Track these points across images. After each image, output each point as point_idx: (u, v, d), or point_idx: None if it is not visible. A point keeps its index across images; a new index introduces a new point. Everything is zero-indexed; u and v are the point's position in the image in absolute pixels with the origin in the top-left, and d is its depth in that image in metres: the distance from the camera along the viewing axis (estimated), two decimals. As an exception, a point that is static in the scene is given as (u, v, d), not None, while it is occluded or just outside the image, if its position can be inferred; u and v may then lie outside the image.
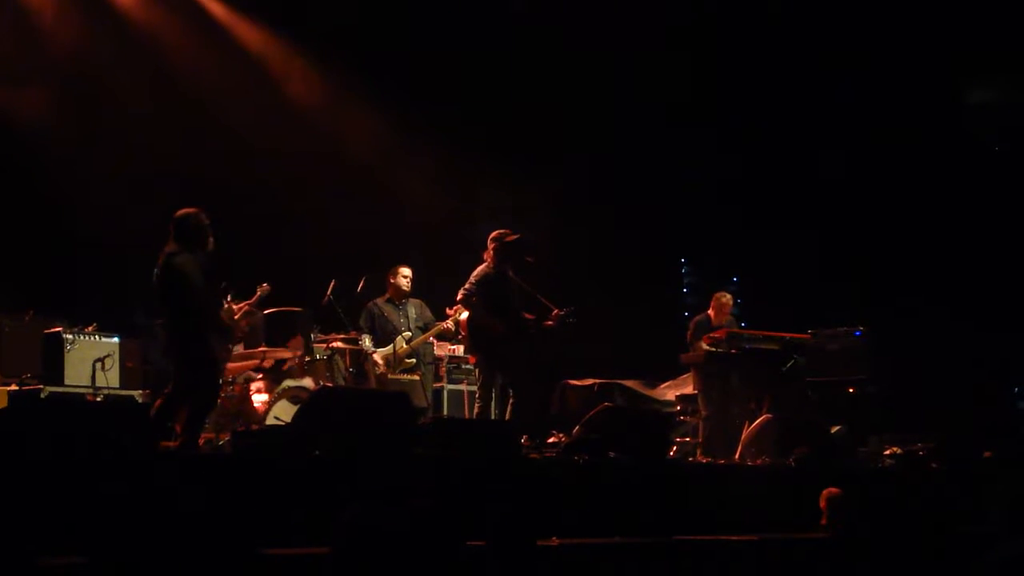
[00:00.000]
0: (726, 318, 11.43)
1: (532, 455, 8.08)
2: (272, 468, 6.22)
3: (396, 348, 10.29)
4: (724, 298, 11.47)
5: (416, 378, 10.36)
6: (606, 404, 9.29)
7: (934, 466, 9.80)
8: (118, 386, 9.46)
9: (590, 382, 12.19)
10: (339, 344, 10.19)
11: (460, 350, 11.11)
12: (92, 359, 9.36)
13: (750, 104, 13.86)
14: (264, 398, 9.46)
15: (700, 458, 10.42)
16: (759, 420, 9.87)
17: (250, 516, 5.76)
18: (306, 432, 6.72)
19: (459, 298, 9.45)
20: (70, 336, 9.48)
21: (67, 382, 9.34)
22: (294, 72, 12.48)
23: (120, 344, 9.63)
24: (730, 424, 10.67)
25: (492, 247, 9.43)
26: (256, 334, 10.12)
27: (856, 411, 10.92)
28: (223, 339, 7.91)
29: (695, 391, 11.33)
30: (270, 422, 8.93)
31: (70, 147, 10.88)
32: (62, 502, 5.30)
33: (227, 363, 8.23)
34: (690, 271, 16.54)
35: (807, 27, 13.32)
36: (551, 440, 9.22)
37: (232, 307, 8.09)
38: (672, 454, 10.37)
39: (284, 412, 8.94)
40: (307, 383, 9.54)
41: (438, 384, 11.07)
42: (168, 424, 7.62)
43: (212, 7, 12.10)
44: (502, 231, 9.50)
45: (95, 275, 10.76)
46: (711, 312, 11.44)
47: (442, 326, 10.34)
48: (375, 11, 12.13)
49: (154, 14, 11.69)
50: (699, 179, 14.12)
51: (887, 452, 10.41)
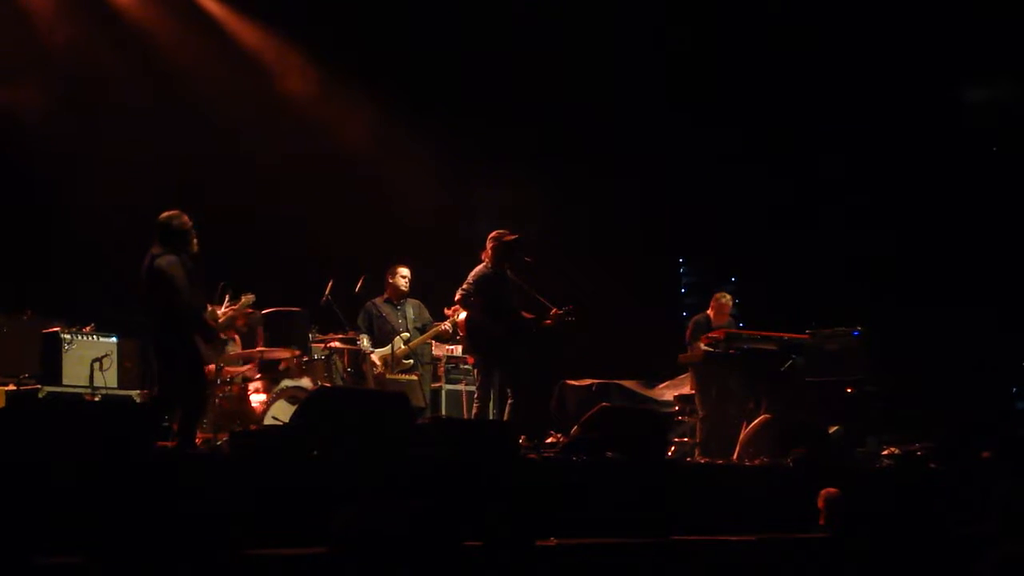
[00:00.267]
0: (725, 319, 11.42)
1: (530, 455, 8.07)
2: (270, 468, 6.22)
3: (394, 348, 10.29)
4: (724, 298, 11.46)
5: (414, 378, 10.35)
6: (604, 404, 9.29)
7: (932, 466, 9.80)
8: (116, 386, 9.47)
9: (588, 382, 12.19)
10: (337, 344, 10.19)
11: (458, 350, 11.09)
12: (90, 359, 9.37)
13: (750, 103, 13.85)
14: (262, 398, 9.46)
15: (698, 458, 10.42)
16: (757, 420, 9.88)
17: (248, 516, 5.76)
18: (304, 432, 6.72)
19: (457, 298, 9.45)
20: (68, 336, 9.48)
21: (65, 382, 9.34)
22: (293, 72, 12.47)
23: (118, 344, 9.63)
24: (728, 424, 10.66)
25: (491, 246, 9.42)
26: (254, 334, 10.12)
27: (854, 411, 10.92)
28: (207, 341, 7.89)
29: (693, 391, 11.33)
30: (268, 422, 8.94)
31: (69, 146, 10.86)
32: (59, 502, 5.30)
33: (211, 364, 8.21)
34: (689, 271, 16.53)
35: (806, 27, 13.33)
36: (549, 440, 9.22)
37: (215, 311, 8.08)
38: (670, 454, 10.38)
39: (282, 412, 8.94)
40: (305, 383, 9.54)
41: (436, 384, 11.06)
42: (165, 424, 7.63)
43: (210, 6, 12.09)
44: (501, 231, 9.49)
45: (93, 275, 10.75)
46: (710, 312, 11.43)
47: (439, 327, 10.35)
48: (374, 11, 12.13)
49: (153, 14, 11.68)
50: (699, 179, 14.10)
51: (885, 452, 10.41)
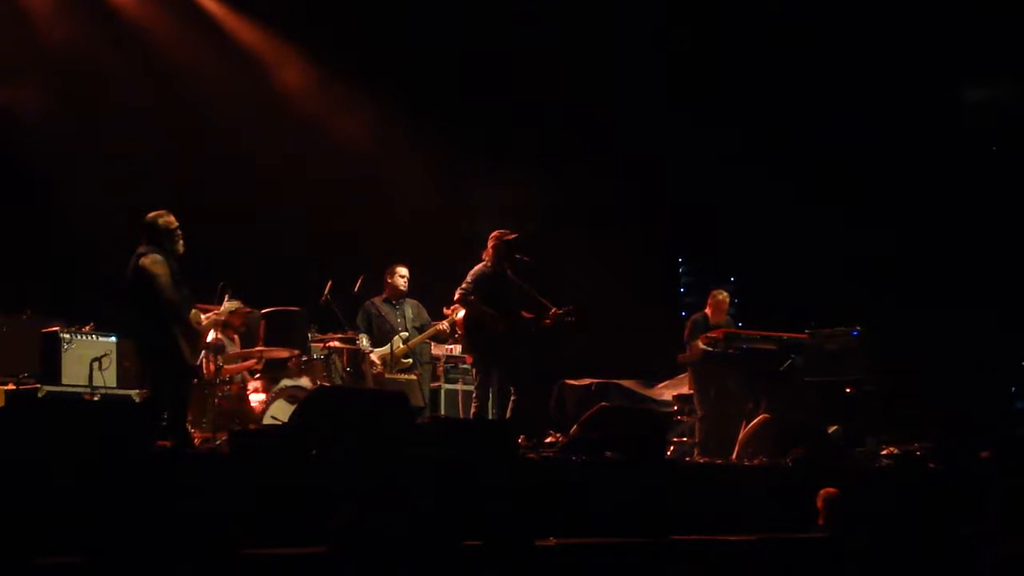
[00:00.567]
0: (723, 317, 11.41)
1: (529, 455, 8.07)
2: (269, 468, 6.22)
3: (393, 348, 10.28)
4: (720, 296, 11.45)
5: (413, 378, 10.35)
6: (603, 404, 9.30)
7: (931, 466, 9.80)
8: (115, 385, 9.45)
9: (587, 382, 12.19)
10: (336, 344, 10.19)
11: (457, 350, 11.10)
12: (89, 358, 9.35)
13: (750, 103, 13.85)
14: (261, 398, 9.46)
15: (697, 458, 10.42)
16: (756, 420, 9.88)
17: (247, 516, 5.76)
18: (303, 432, 6.72)
19: (456, 297, 9.45)
20: (67, 335, 9.47)
21: (64, 381, 9.34)
22: (293, 72, 12.47)
23: (117, 343, 9.62)
24: (727, 424, 10.67)
25: (491, 246, 9.43)
26: (253, 334, 10.12)
27: (853, 411, 10.92)
28: (191, 340, 7.89)
29: (692, 391, 11.33)
30: (267, 422, 8.94)
31: (68, 146, 10.86)
32: (59, 501, 5.30)
33: (194, 363, 8.20)
34: (687, 270, 16.52)
35: (807, 27, 13.33)
36: (548, 440, 9.23)
37: (199, 314, 8.08)
38: (669, 454, 10.38)
39: (281, 412, 8.94)
40: (304, 383, 9.54)
41: (435, 384, 11.07)
42: (162, 423, 7.63)
43: (210, 5, 12.09)
44: (501, 230, 9.50)
45: (93, 275, 10.74)
46: (708, 311, 11.42)
47: (437, 327, 10.35)
48: (374, 10, 12.13)
49: (153, 14, 11.67)
50: (699, 179, 14.10)
51: (884, 452, 10.41)
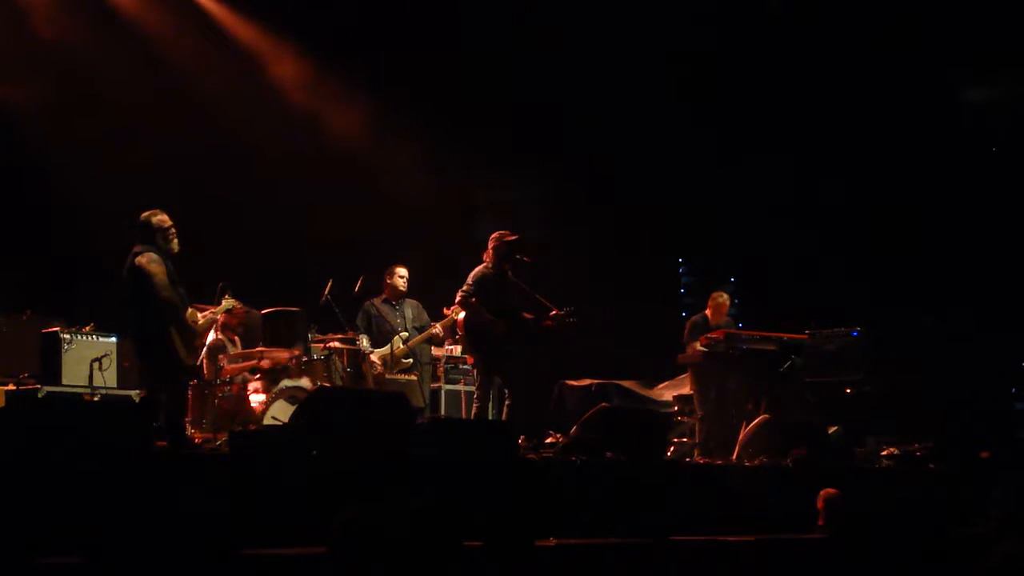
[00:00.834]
0: (723, 318, 11.42)
1: (530, 455, 8.08)
2: (269, 468, 6.21)
3: (393, 348, 10.28)
4: (721, 298, 11.46)
5: (413, 378, 10.35)
6: (603, 404, 9.31)
7: (931, 467, 9.81)
8: (115, 386, 9.46)
9: (587, 382, 12.19)
10: (336, 344, 10.18)
11: (458, 350, 11.10)
12: (89, 359, 9.36)
13: (749, 101, 13.85)
14: (261, 398, 9.45)
15: (697, 458, 10.42)
16: (756, 420, 9.88)
17: (247, 516, 5.76)
18: (303, 432, 6.72)
19: (457, 300, 9.44)
20: (67, 336, 9.47)
21: (64, 382, 9.33)
22: (292, 73, 12.47)
23: (117, 344, 9.62)
24: (727, 424, 10.67)
25: (492, 247, 9.42)
26: (253, 334, 10.12)
27: (854, 411, 10.92)
28: (187, 339, 7.89)
29: (692, 391, 11.33)
30: (267, 422, 8.93)
31: (68, 145, 10.86)
32: (59, 501, 5.30)
33: (190, 363, 8.20)
34: (688, 271, 16.52)
35: (806, 25, 13.32)
36: (549, 440, 9.22)
37: (196, 313, 8.08)
38: (669, 454, 10.38)
39: (282, 412, 8.93)
40: (304, 383, 9.53)
41: (436, 384, 11.06)
42: (160, 424, 7.63)
43: (210, 6, 12.09)
44: (502, 231, 9.49)
45: (93, 275, 10.75)
46: (708, 312, 11.43)
47: (432, 330, 10.35)
48: (374, 10, 12.12)
49: (152, 14, 11.67)
50: (699, 179, 14.10)
51: (884, 453, 10.42)
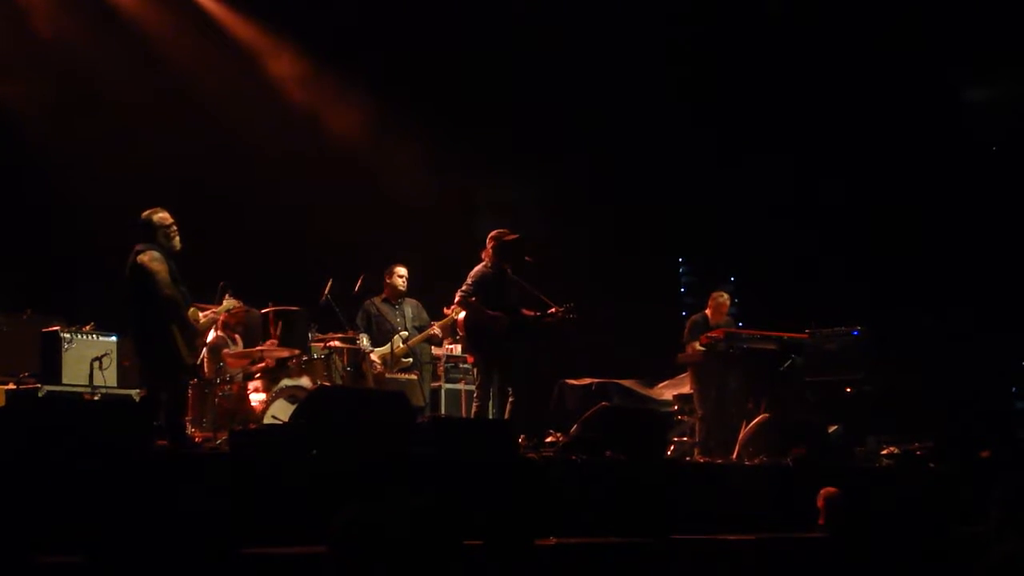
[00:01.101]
0: (723, 318, 11.42)
1: (530, 455, 8.08)
2: (269, 467, 6.21)
3: (393, 348, 10.29)
4: (721, 297, 11.47)
5: (413, 377, 10.35)
6: (604, 403, 9.33)
7: (932, 466, 9.80)
8: (115, 385, 9.45)
9: (588, 381, 12.19)
10: (337, 343, 10.18)
11: (458, 349, 11.10)
12: (90, 358, 9.35)
13: (749, 101, 13.86)
14: (262, 397, 9.45)
15: (697, 458, 10.43)
16: (757, 420, 9.88)
17: (247, 515, 5.76)
18: (303, 431, 6.72)
19: (457, 300, 9.45)
20: (68, 335, 9.47)
21: (64, 381, 9.33)
22: (293, 72, 12.47)
23: (117, 343, 9.62)
24: (727, 424, 10.67)
25: (491, 246, 9.43)
26: (254, 333, 10.12)
27: (854, 411, 10.93)
28: (189, 338, 7.88)
29: (692, 391, 11.34)
30: (267, 421, 8.93)
31: (68, 144, 10.86)
32: (59, 501, 5.30)
33: (191, 362, 8.20)
34: (688, 270, 16.53)
35: (806, 24, 13.32)
36: (549, 439, 9.23)
37: (197, 312, 8.07)
38: (669, 454, 10.38)
39: (282, 411, 8.93)
40: (304, 382, 9.53)
41: (436, 383, 11.06)
42: (160, 423, 7.63)
43: (208, 5, 12.09)
44: (501, 230, 9.50)
45: (93, 274, 10.75)
46: (708, 312, 11.43)
47: (432, 330, 10.35)
48: (375, 9, 12.13)
49: (152, 13, 11.67)
50: (699, 179, 14.10)
51: (885, 452, 10.42)
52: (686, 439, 11.39)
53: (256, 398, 9.48)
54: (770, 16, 13.32)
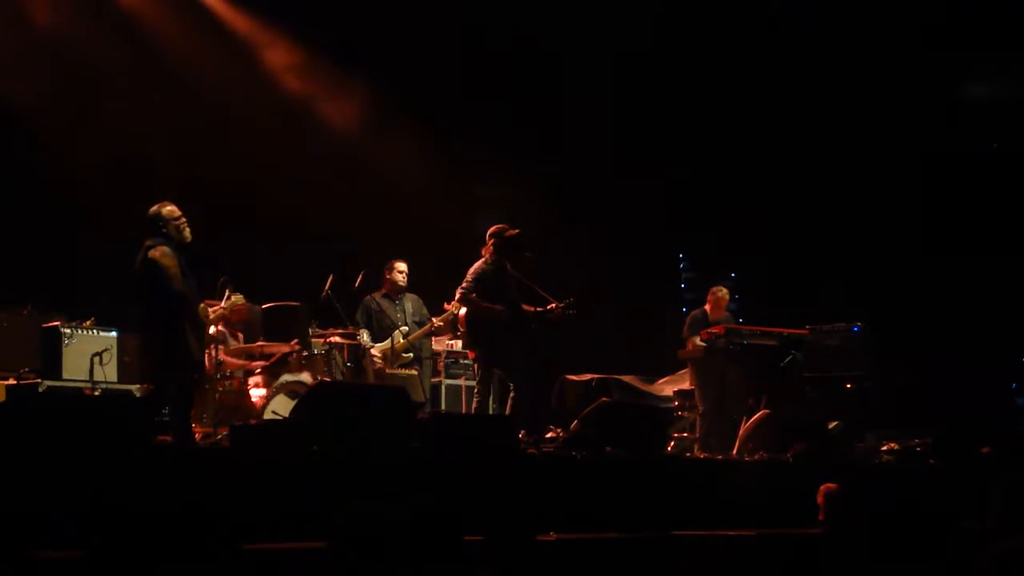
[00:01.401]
0: (722, 313, 11.43)
1: (530, 450, 8.08)
2: (270, 463, 6.22)
3: (394, 343, 10.29)
4: (720, 292, 11.47)
5: (414, 373, 10.36)
6: (604, 399, 9.30)
7: (932, 462, 9.80)
8: (116, 380, 9.44)
9: (588, 377, 12.19)
10: (337, 339, 10.19)
11: (458, 345, 11.11)
12: (90, 353, 9.33)
13: (748, 97, 13.85)
14: (262, 392, 9.46)
15: (698, 453, 10.44)
16: (757, 415, 9.88)
17: (247, 511, 5.76)
18: (304, 427, 6.72)
19: (457, 296, 9.45)
20: (68, 330, 9.45)
21: (65, 376, 9.31)
22: (293, 67, 12.45)
23: (118, 338, 9.60)
24: (728, 419, 10.67)
25: (491, 242, 9.43)
26: (254, 328, 10.12)
27: (854, 406, 10.92)
28: (199, 334, 7.88)
29: (693, 386, 11.34)
30: (268, 416, 8.94)
31: (69, 139, 10.85)
32: (59, 496, 5.29)
33: (200, 358, 8.21)
34: (688, 266, 16.52)
35: (807, 24, 13.32)
36: (549, 435, 9.23)
37: (207, 307, 8.07)
38: (670, 449, 10.39)
39: (282, 407, 8.94)
40: (305, 378, 9.54)
41: (436, 379, 11.07)
42: (164, 418, 7.63)
43: (212, 3, 12.09)
44: (501, 226, 9.50)
45: (93, 269, 10.75)
46: (707, 307, 11.44)
47: (432, 324, 10.35)
48: (374, 6, 12.12)
49: (155, 10, 11.66)
50: (699, 175, 14.10)
51: (885, 448, 10.42)
52: (686, 435, 11.40)
53: (256, 393, 9.49)
54: (771, 16, 13.32)
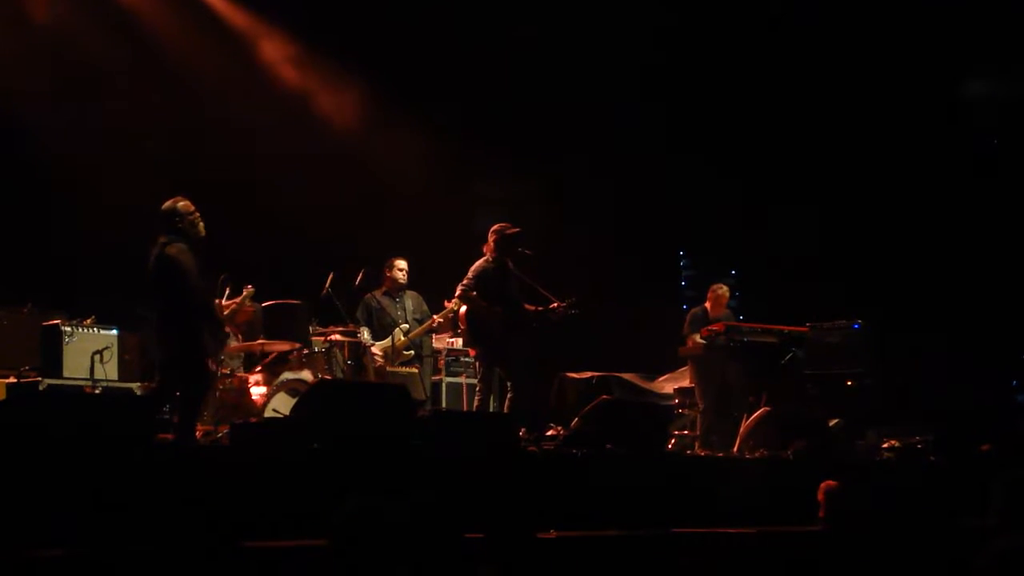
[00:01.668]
0: (723, 311, 11.43)
1: (530, 448, 8.08)
2: (270, 461, 6.22)
3: (394, 341, 10.29)
4: (720, 290, 11.48)
5: (414, 371, 10.37)
6: (604, 397, 9.30)
7: (932, 459, 9.80)
8: (116, 379, 9.45)
9: (588, 375, 12.19)
10: (338, 337, 10.19)
11: (459, 343, 11.11)
12: (90, 351, 9.34)
13: (748, 95, 13.85)
14: (263, 390, 9.46)
15: (698, 451, 10.44)
16: (757, 413, 9.87)
17: (248, 508, 5.76)
18: (305, 425, 6.72)
19: (458, 294, 9.46)
20: (68, 328, 9.46)
21: (65, 374, 9.32)
22: (293, 65, 12.45)
23: (118, 337, 9.61)
24: (728, 417, 10.67)
25: (492, 240, 9.43)
26: (254, 326, 10.12)
27: (854, 404, 10.91)
28: (215, 332, 7.87)
29: (693, 384, 11.34)
30: (268, 414, 8.94)
31: (68, 138, 10.85)
32: (59, 494, 5.30)
33: (213, 357, 8.20)
34: (688, 264, 16.52)
35: (807, 23, 13.31)
36: (549, 433, 9.21)
37: (222, 303, 8.08)
38: (670, 447, 10.38)
39: (282, 404, 8.95)
40: (305, 375, 9.54)
41: (436, 377, 11.07)
42: (165, 416, 7.62)
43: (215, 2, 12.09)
44: (502, 224, 9.50)
45: (94, 267, 10.75)
46: (708, 305, 11.44)
47: (433, 321, 10.35)
48: (375, 3, 12.12)
49: (154, 7, 11.66)
50: (700, 172, 14.09)
51: (885, 445, 10.41)
52: (686, 432, 11.40)
53: (257, 391, 9.49)
54: (772, 16, 13.32)
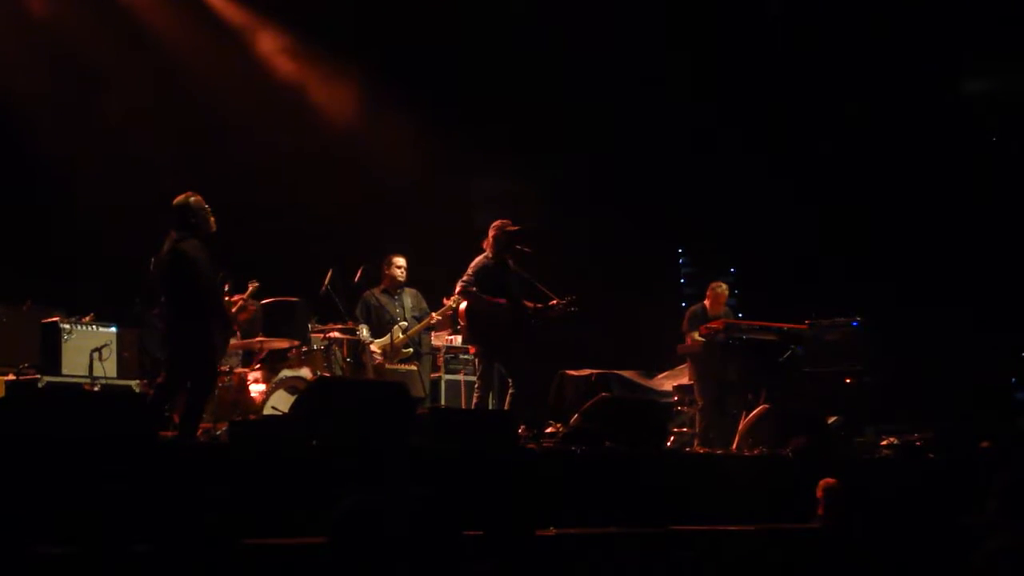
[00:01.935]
0: (722, 308, 11.43)
1: (530, 445, 8.08)
2: (269, 458, 6.22)
3: (393, 338, 10.29)
4: (720, 288, 11.47)
5: (413, 368, 10.36)
6: (603, 394, 9.31)
7: (931, 456, 9.81)
8: (115, 376, 9.45)
9: (587, 372, 12.18)
10: (336, 334, 10.19)
11: (458, 340, 11.10)
12: (89, 349, 9.34)
13: (748, 92, 13.84)
14: (262, 388, 9.47)
15: (697, 448, 10.44)
16: (756, 411, 9.87)
17: (247, 506, 5.76)
18: (304, 422, 6.72)
19: (458, 290, 9.45)
20: (67, 326, 9.46)
21: (64, 372, 9.32)
22: (293, 64, 12.45)
23: (118, 334, 9.61)
24: (727, 414, 10.67)
25: (492, 236, 9.42)
26: (253, 323, 10.12)
27: (853, 402, 10.92)
28: (224, 328, 7.88)
29: (692, 381, 11.34)
30: (267, 412, 8.94)
31: (68, 136, 10.85)
32: (59, 492, 5.30)
33: (224, 353, 8.22)
34: (688, 261, 16.52)
35: (806, 21, 13.31)
36: (549, 430, 9.22)
37: (230, 300, 8.09)
38: (669, 444, 10.38)
39: (281, 402, 8.95)
40: (304, 373, 9.54)
41: (436, 374, 11.06)
42: (166, 413, 7.62)
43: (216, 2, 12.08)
44: (503, 221, 9.49)
45: (93, 265, 10.75)
46: (707, 302, 11.44)
47: (432, 319, 10.35)
48: (373, 4, 12.12)
49: (153, 6, 11.66)
50: (700, 170, 14.09)
51: (884, 443, 10.42)
52: (686, 430, 11.40)
53: (256, 389, 9.49)
54: (770, 14, 13.31)
